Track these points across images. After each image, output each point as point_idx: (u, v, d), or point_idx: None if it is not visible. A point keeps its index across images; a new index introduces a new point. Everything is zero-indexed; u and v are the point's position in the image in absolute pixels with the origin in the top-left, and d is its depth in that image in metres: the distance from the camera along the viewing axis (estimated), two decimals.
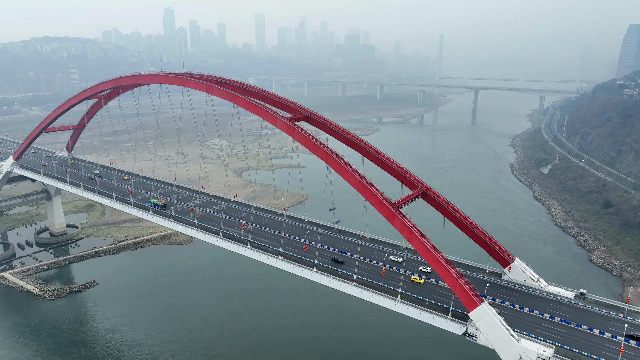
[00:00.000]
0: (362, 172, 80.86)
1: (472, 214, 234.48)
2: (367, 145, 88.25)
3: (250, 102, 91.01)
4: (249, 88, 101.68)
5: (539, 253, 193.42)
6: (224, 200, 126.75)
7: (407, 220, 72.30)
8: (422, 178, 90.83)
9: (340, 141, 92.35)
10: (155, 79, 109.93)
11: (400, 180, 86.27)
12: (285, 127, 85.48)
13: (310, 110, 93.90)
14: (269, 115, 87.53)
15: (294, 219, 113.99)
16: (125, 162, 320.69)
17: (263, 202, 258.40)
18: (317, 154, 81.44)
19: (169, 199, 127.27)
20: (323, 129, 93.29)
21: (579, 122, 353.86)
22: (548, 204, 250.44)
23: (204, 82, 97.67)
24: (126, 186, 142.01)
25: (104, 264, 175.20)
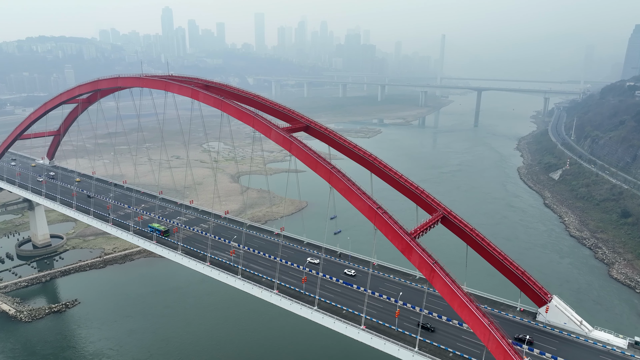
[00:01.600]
0: (370, 193, 68.37)
1: (483, 222, 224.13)
2: (375, 161, 75.68)
3: (241, 110, 78.46)
4: (240, 93, 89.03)
5: (555, 266, 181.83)
6: (214, 217, 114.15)
7: (427, 255, 59.78)
8: (427, 183, 79.79)
9: (345, 155, 79.65)
10: (135, 82, 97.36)
11: (415, 201, 73.64)
12: (281, 139, 72.93)
13: (310, 118, 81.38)
14: (262, 126, 75.05)
15: (292, 240, 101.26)
16: (119, 166, 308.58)
17: (260, 210, 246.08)
18: (318, 172, 68.96)
19: (154, 216, 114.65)
20: (325, 141, 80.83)
21: (589, 125, 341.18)
22: (560, 212, 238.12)
23: (189, 86, 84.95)
24: (106, 199, 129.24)
25: (89, 280, 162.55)
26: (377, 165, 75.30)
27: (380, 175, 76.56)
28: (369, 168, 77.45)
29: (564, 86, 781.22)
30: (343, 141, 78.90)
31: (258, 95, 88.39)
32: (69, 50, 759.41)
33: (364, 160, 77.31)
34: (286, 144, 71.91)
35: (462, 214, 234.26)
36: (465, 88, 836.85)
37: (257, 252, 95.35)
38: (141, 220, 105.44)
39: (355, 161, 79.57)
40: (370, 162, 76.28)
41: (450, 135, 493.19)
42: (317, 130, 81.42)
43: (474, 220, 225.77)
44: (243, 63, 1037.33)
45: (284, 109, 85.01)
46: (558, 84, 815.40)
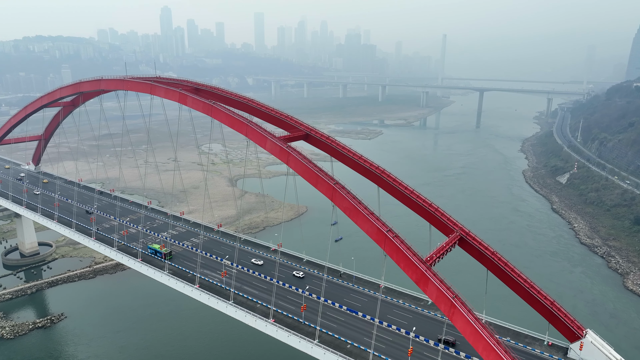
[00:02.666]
0: (377, 211, 60.05)
1: (490, 227, 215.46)
2: (384, 174, 67.25)
3: (232, 116, 70.12)
4: (233, 97, 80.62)
5: (567, 275, 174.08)
6: (204, 229, 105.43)
7: (446, 287, 51.43)
8: (431, 187, 72.09)
9: (349, 166, 71.20)
10: (118, 84, 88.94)
11: (429, 221, 65.16)
12: (277, 150, 64.59)
13: (310, 126, 73.02)
14: (256, 134, 66.73)
15: (290, 258, 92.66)
16: (113, 169, 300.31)
17: (258, 216, 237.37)
18: (320, 188, 60.71)
19: (141, 229, 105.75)
20: (327, 151, 72.41)
21: (597, 127, 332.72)
22: (569, 218, 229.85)
23: (176, 89, 76.49)
24: (90, 209, 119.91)
25: (78, 291, 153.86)
26: (386, 179, 66.90)
27: (389, 189, 68.18)
28: (376, 182, 69.02)
29: (566, 86, 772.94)
30: (347, 151, 70.49)
31: (253, 100, 79.95)
32: (66, 50, 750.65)
33: (371, 173, 68.92)
34: (283, 156, 63.57)
35: (468, 219, 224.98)
36: (467, 88, 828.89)
37: (252, 272, 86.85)
38: (126, 235, 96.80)
39: (361, 173, 71.18)
40: (377, 175, 67.90)
41: (453, 136, 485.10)
42: (318, 139, 73.00)
43: (481, 226, 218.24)
44: (242, 63, 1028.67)
45: (281, 115, 76.58)
46: (560, 84, 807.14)
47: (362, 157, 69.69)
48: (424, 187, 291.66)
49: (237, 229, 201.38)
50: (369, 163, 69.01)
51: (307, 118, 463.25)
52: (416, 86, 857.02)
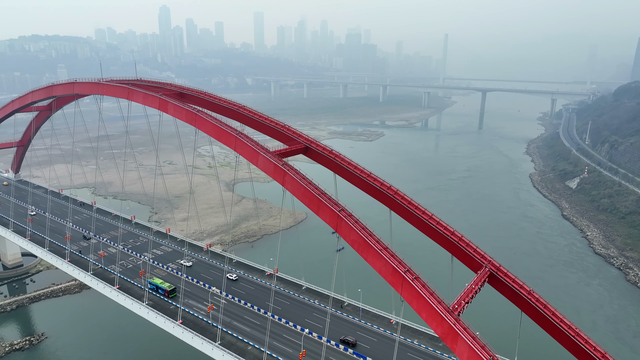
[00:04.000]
0: (389, 241, 49.71)
1: (499, 234, 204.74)
2: (397, 195, 56.79)
3: (219, 127, 59.66)
4: (222, 103, 70.13)
5: (583, 288, 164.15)
6: (197, 247, 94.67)
7: (480, 345, 40.92)
8: (436, 191, 62.43)
9: (356, 185, 60.62)
10: (93, 88, 78.58)
11: (453, 253, 54.55)
12: (271, 168, 54.09)
13: (309, 137, 62.62)
14: (246, 149, 56.30)
15: (288, 284, 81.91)
16: (107, 172, 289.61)
17: (256, 223, 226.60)
18: (322, 215, 50.08)
19: (120, 248, 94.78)
20: (330, 167, 61.99)
21: (606, 129, 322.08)
22: (581, 225, 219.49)
23: (157, 94, 65.89)
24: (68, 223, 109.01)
25: (61, 308, 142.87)
26: (399, 201, 56.39)
27: (403, 213, 57.72)
28: (387, 204, 58.51)
29: (569, 87, 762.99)
30: (353, 168, 60.04)
31: (244, 107, 69.46)
32: (62, 50, 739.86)
33: (381, 194, 58.43)
34: (278, 175, 53.17)
35: (476, 226, 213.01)
36: (470, 89, 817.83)
37: (244, 302, 76.17)
38: (103, 257, 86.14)
39: (369, 194, 60.60)
40: (389, 197, 57.25)
41: (456, 137, 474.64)
42: (319, 153, 62.49)
43: (491, 234, 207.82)
44: (242, 63, 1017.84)
45: (277, 125, 66.09)
46: (564, 84, 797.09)
47: (371, 175, 59.23)
48: (428, 192, 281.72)
49: (228, 247, 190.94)
50: (379, 182, 58.51)
51: (307, 119, 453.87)
52: (418, 86, 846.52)
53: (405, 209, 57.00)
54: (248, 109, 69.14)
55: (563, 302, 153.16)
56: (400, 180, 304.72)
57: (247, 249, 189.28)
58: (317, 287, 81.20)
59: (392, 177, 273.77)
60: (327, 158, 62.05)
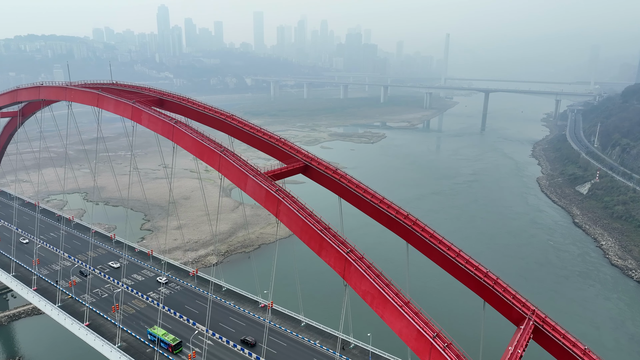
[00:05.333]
0: (406, 286, 39.38)
1: (509, 242, 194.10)
2: (415, 226, 46.35)
3: (201, 143, 49.40)
4: (207, 112, 59.83)
5: (602, 302, 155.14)
6: (183, 271, 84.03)
7: None
8: (442, 196, 53.42)
9: (366, 213, 50.16)
10: (59, 93, 68.38)
11: (487, 299, 44.08)
12: (262, 194, 43.86)
13: (309, 153, 52.10)
14: (232, 170, 46.01)
15: (284, 319, 71.23)
16: (99, 177, 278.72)
17: (253, 231, 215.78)
18: (326, 257, 39.54)
19: (98, 273, 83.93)
20: (335, 190, 51.45)
21: (616, 132, 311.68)
22: (594, 234, 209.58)
23: (129, 102, 55.51)
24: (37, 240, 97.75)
25: (42, 327, 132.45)
26: (418, 233, 45.89)
27: (422, 247, 47.15)
28: (404, 235, 48.02)
29: (573, 87, 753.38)
30: (362, 192, 49.67)
31: (233, 116, 59.12)
32: (58, 50, 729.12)
33: (396, 224, 47.93)
34: (270, 203, 42.96)
35: (486, 232, 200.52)
36: (472, 89, 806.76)
37: (233, 345, 65.55)
38: (73, 286, 75.68)
39: (381, 222, 50.11)
40: (406, 227, 46.74)
41: (459, 139, 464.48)
42: (321, 173, 52.11)
43: (501, 241, 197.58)
44: (241, 63, 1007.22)
45: (271, 139, 55.71)
46: (567, 84, 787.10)
47: (385, 201, 48.87)
48: (433, 197, 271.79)
49: (214, 267, 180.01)
50: (393, 209, 48.17)
51: (307, 120, 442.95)
52: (419, 87, 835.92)
53: (426, 243, 46.61)
54: (237, 118, 58.80)
55: (582, 318, 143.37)
56: (404, 185, 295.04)
57: (243, 260, 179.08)
58: (318, 324, 70.52)
59: (395, 181, 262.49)
60: (330, 179, 51.79)
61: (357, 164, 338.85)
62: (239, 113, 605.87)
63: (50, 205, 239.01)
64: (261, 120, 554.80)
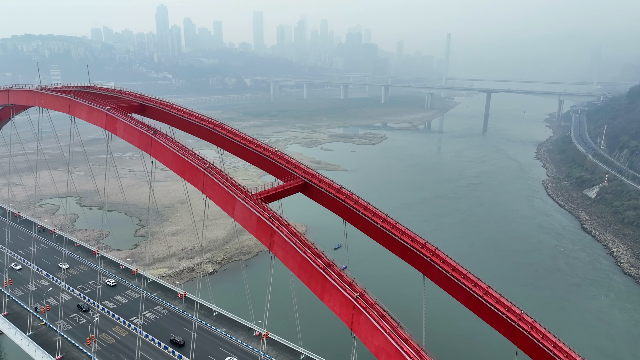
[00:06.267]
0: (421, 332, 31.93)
1: (518, 248, 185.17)
2: (434, 257, 38.92)
3: (182, 158, 41.93)
4: (193, 120, 52.47)
5: (617, 313, 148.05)
6: (171, 291, 76.47)
7: None
8: (446, 199, 47.21)
9: (376, 240, 42.72)
10: (29, 98, 60.92)
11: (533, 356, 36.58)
12: (253, 221, 36.56)
13: (309, 169, 44.77)
14: (218, 190, 38.81)
15: (281, 350, 63.68)
16: (96, 179, 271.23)
17: (251, 238, 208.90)
18: (330, 302, 32.35)
19: (78, 295, 75.97)
20: (339, 212, 43.90)
21: (624, 133, 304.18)
22: (604, 240, 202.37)
23: (103, 109, 48.11)
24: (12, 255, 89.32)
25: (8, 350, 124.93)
26: (439, 266, 38.44)
27: (444, 282, 39.74)
28: (421, 268, 40.55)
29: (575, 87, 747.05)
30: (371, 215, 42.20)
31: (222, 125, 51.80)
32: (56, 50, 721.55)
33: (412, 254, 40.48)
34: (263, 233, 35.76)
35: (493, 238, 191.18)
36: (474, 89, 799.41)
37: None
38: (46, 312, 68.15)
39: (394, 252, 42.64)
40: (424, 259, 39.37)
41: (461, 141, 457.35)
42: (322, 192, 44.71)
43: (509, 247, 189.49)
44: (240, 63, 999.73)
45: (265, 152, 48.31)
46: (569, 85, 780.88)
47: (398, 226, 41.53)
48: (437, 200, 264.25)
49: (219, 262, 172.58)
50: (409, 236, 40.74)
51: (307, 121, 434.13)
52: (420, 87, 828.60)
53: (448, 278, 39.21)
54: (227, 128, 51.48)
55: (597, 330, 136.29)
56: (407, 188, 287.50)
57: (240, 269, 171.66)
58: (318, 357, 62.96)
59: (397, 185, 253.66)
60: (333, 199, 44.49)
61: (358, 166, 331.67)
62: (238, 114, 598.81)
63: (43, 210, 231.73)
64: (260, 121, 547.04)
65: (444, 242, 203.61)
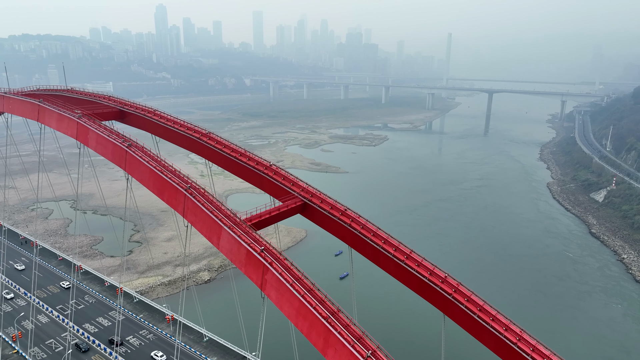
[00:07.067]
0: None
1: (525, 253, 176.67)
2: (457, 294, 32.62)
3: (161, 177, 35.43)
4: (177, 129, 46.14)
5: (631, 323, 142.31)
6: (158, 312, 69.98)
7: None
8: (450, 203, 41.04)
9: (388, 272, 36.38)
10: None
11: None
12: (242, 256, 30.45)
13: (309, 187, 38.41)
14: (202, 216, 32.17)
15: None
16: (90, 182, 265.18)
17: None
18: (332, 357, 25.68)
19: (56, 316, 68.50)
20: (346, 239, 37.50)
21: (631, 135, 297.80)
22: (614, 246, 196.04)
23: (73, 117, 41.79)
24: None
25: None
26: (463, 306, 32.22)
27: (468, 324, 33.44)
28: (441, 306, 34.17)
29: (577, 87, 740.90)
30: (383, 244, 35.85)
31: (211, 134, 45.51)
32: (53, 50, 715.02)
33: (430, 290, 34.17)
34: (253, 270, 29.62)
35: (499, 242, 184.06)
36: (476, 90, 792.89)
37: None
38: (18, 340, 61.68)
39: (409, 286, 36.34)
40: (446, 297, 33.08)
41: (463, 142, 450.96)
42: (325, 215, 38.35)
43: (515, 252, 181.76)
44: (240, 63, 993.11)
45: (258, 166, 41.92)
46: (571, 85, 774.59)
47: (413, 255, 35.32)
48: (440, 204, 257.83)
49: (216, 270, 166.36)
50: (426, 268, 34.41)
51: (307, 122, 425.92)
52: (421, 87, 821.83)
53: (473, 319, 32.90)
54: (215, 138, 45.19)
55: (610, 341, 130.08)
56: (409, 191, 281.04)
57: (238, 277, 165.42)
58: None
59: (399, 187, 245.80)
60: (337, 223, 38.11)
61: (359, 168, 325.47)
62: (237, 114, 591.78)
63: (35, 214, 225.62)
64: (260, 121, 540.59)
65: (449, 247, 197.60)
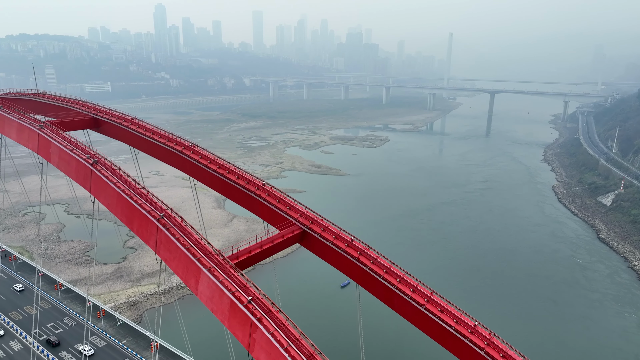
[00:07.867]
0: None
1: (532, 258, 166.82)
2: (491, 348, 26.22)
3: (131, 203, 28.88)
4: (156, 140, 39.74)
5: None
6: (139, 336, 63.67)
7: None
8: (453, 206, 37.03)
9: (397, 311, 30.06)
10: None
11: None
12: (225, 308, 24.68)
13: (308, 211, 32.11)
14: (177, 254, 25.78)
15: None
16: None
17: None
18: None
19: (29, 342, 62.59)
20: (351, 274, 31.19)
21: (638, 137, 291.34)
22: (623, 252, 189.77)
23: (35, 129, 35.46)
24: None
25: None
26: (480, 350, 25.84)
27: None
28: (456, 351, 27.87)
29: (579, 87, 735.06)
30: (397, 283, 29.59)
31: (195, 147, 39.13)
32: (51, 50, 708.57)
33: (458, 343, 27.88)
34: (239, 327, 23.12)
35: (505, 248, 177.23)
36: (477, 90, 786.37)
37: None
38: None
39: (430, 335, 30.03)
40: (476, 351, 26.78)
41: (465, 143, 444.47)
42: (325, 243, 32.00)
43: (523, 257, 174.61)
44: (239, 63, 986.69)
45: (249, 186, 35.55)
46: (573, 85, 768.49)
47: (434, 298, 29.03)
48: (444, 207, 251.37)
49: None
50: (450, 314, 28.15)
51: (307, 122, 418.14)
52: (422, 88, 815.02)
53: None
54: (200, 151, 38.83)
55: (626, 354, 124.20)
56: (412, 194, 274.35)
57: None
58: None
59: (402, 190, 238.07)
60: (342, 256, 31.86)
61: (360, 170, 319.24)
62: (237, 115, 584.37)
63: (28, 218, 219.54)
64: (259, 122, 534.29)
65: (454, 252, 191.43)
